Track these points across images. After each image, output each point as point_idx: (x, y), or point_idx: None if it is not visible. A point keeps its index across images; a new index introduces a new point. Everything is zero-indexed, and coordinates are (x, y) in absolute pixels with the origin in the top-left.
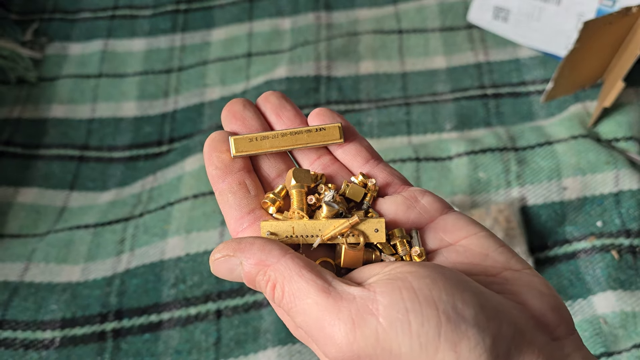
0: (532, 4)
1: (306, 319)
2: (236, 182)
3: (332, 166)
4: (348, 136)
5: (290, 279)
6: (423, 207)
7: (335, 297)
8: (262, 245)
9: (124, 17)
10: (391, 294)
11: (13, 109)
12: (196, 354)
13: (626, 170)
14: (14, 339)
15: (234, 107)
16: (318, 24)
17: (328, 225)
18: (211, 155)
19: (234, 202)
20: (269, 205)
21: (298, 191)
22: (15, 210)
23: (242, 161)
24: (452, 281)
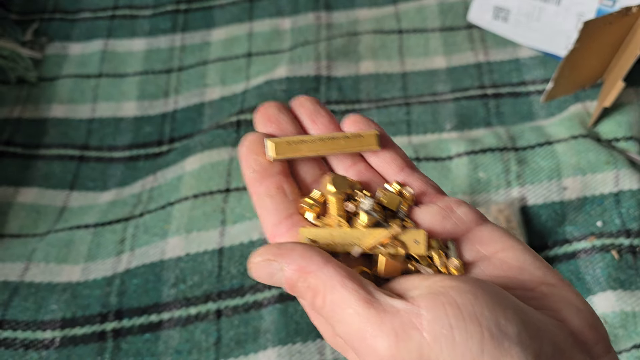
0: (532, 4)
1: (347, 329)
2: (274, 186)
3: (366, 173)
4: (383, 144)
5: (332, 288)
6: (459, 218)
7: (378, 309)
8: (304, 251)
9: (124, 17)
10: (435, 310)
11: (13, 109)
12: (196, 353)
13: (626, 170)
14: (14, 339)
15: (268, 110)
16: (318, 24)
17: (368, 234)
18: (248, 157)
19: (271, 206)
20: (307, 211)
21: (336, 198)
22: (15, 210)
23: (280, 165)
24: (493, 297)
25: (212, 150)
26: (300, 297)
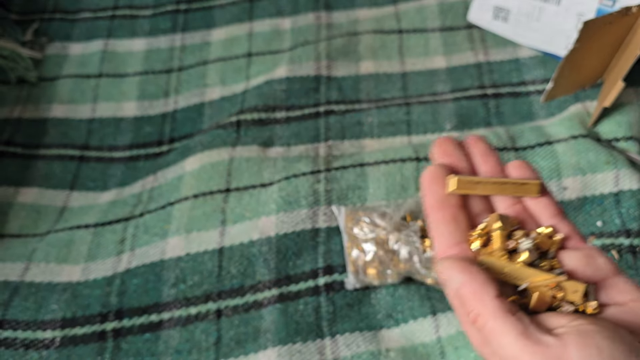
0: (532, 3)
1: (504, 352)
2: (450, 216)
3: (523, 214)
4: (542, 191)
5: (495, 317)
6: (599, 266)
7: (533, 341)
8: (484, 281)
9: (124, 17)
10: (581, 349)
11: (13, 109)
12: (196, 353)
13: (626, 170)
14: (14, 339)
15: (447, 147)
16: (318, 24)
17: (536, 275)
18: (431, 187)
19: (446, 232)
20: (475, 241)
21: (501, 234)
22: (15, 210)
23: (456, 198)
24: (626, 343)
25: (212, 150)
26: (459, 309)
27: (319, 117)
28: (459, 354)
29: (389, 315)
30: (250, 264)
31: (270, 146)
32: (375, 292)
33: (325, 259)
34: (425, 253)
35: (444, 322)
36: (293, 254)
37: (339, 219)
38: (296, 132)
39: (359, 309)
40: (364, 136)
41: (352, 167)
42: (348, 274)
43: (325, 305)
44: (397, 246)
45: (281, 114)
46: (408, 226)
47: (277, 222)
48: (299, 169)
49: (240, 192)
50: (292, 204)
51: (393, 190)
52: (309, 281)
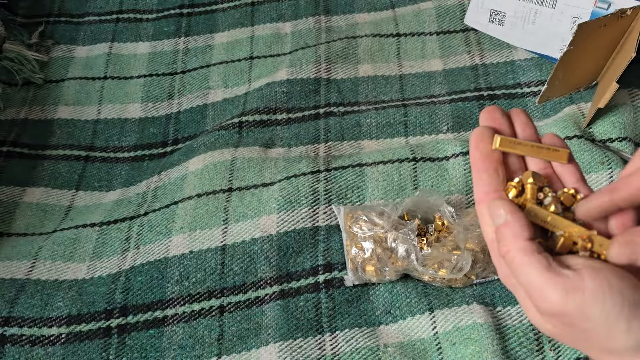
0: (528, 7)
1: (529, 280)
2: (492, 167)
3: (552, 176)
4: (570, 159)
5: (524, 253)
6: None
7: (555, 273)
8: (524, 224)
9: (129, 20)
10: (595, 280)
11: (20, 111)
12: (199, 349)
13: (620, 170)
14: (20, 336)
15: (494, 114)
16: (318, 28)
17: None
18: (478, 143)
19: (487, 180)
20: (511, 190)
21: (532, 187)
22: (22, 209)
23: (498, 153)
24: (632, 281)
25: (215, 151)
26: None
27: (318, 119)
28: (455, 350)
29: (387, 311)
30: (252, 262)
31: (271, 147)
32: (374, 289)
33: (325, 257)
34: (422, 251)
35: (441, 318)
36: (294, 252)
37: (338, 218)
38: (297, 133)
39: (358, 305)
40: (362, 137)
41: (351, 167)
42: (347, 271)
43: (325, 301)
44: (395, 244)
45: (282, 116)
46: (406, 225)
47: (278, 221)
48: (300, 169)
49: (243, 191)
50: (293, 203)
51: (391, 189)
52: (309, 278)
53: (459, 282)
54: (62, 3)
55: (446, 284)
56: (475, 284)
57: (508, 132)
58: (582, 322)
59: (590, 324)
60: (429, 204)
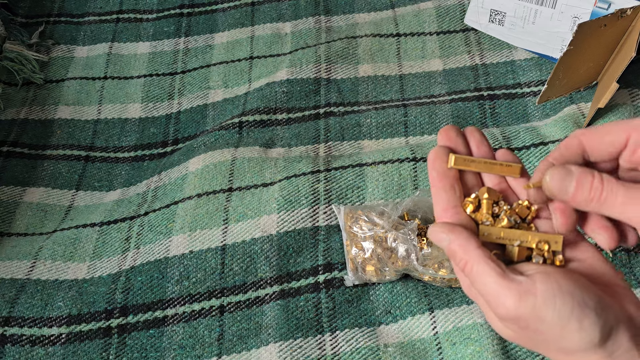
0: (528, 6)
1: (485, 289)
2: (449, 185)
3: (507, 190)
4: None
5: (478, 262)
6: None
7: (508, 279)
8: (468, 236)
9: (129, 20)
10: (545, 283)
11: (20, 110)
12: (200, 349)
13: None
14: (20, 336)
15: (449, 133)
16: (318, 28)
17: (525, 235)
18: (434, 162)
19: (445, 197)
20: (468, 206)
21: (488, 202)
22: (22, 209)
23: (454, 172)
24: (582, 282)
25: (215, 151)
26: (453, 261)
27: (318, 119)
28: (455, 350)
29: (387, 311)
30: (252, 262)
31: (271, 147)
32: (374, 289)
33: (325, 257)
34: (422, 250)
35: (441, 318)
36: (294, 252)
37: (339, 218)
38: (297, 133)
39: (358, 305)
40: (362, 137)
41: (351, 167)
42: (347, 271)
43: (325, 301)
44: (395, 244)
45: (282, 116)
46: (406, 225)
47: (278, 221)
48: (300, 169)
49: (243, 191)
50: (293, 203)
51: (391, 189)
52: (309, 278)
53: (458, 282)
54: (62, 3)
55: (446, 283)
56: None
57: (464, 150)
58: (536, 325)
59: (544, 325)
60: (429, 203)
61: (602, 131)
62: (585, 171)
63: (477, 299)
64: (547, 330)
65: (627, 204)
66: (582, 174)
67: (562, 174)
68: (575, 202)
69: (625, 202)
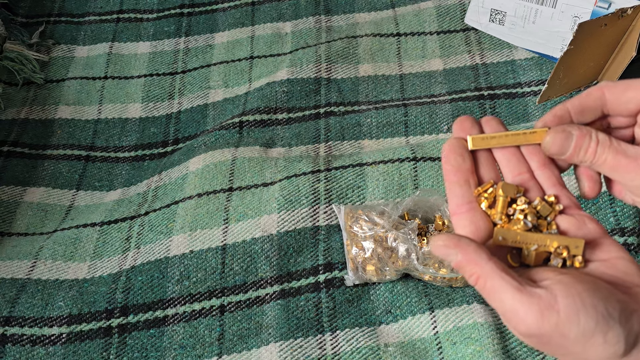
0: (528, 6)
1: (502, 305)
2: (463, 178)
3: (529, 183)
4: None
5: (492, 277)
6: (589, 229)
7: (527, 294)
8: (476, 248)
9: (129, 20)
10: (568, 298)
11: (20, 110)
12: (200, 348)
13: None
14: (21, 335)
15: (465, 123)
16: (318, 28)
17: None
18: (448, 156)
19: (459, 192)
20: (483, 202)
21: (503, 200)
22: (22, 209)
23: (469, 164)
24: (604, 291)
25: (215, 151)
26: (463, 275)
27: (319, 118)
28: (456, 349)
29: (387, 311)
30: (252, 261)
31: (271, 146)
32: (374, 289)
33: (326, 256)
34: (422, 249)
35: (442, 318)
36: (294, 252)
37: (339, 217)
38: (297, 132)
39: (358, 305)
40: (363, 137)
41: (351, 166)
42: (348, 270)
43: (326, 301)
44: (396, 244)
45: (282, 115)
46: (406, 224)
47: (278, 220)
48: (300, 168)
49: (243, 191)
50: (293, 203)
51: (391, 189)
52: (309, 278)
53: (459, 281)
54: (63, 3)
55: (447, 283)
56: None
57: None
58: (559, 340)
59: (567, 341)
60: (430, 203)
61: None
62: (584, 133)
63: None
64: (570, 345)
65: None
66: (580, 137)
67: (562, 138)
68: (570, 160)
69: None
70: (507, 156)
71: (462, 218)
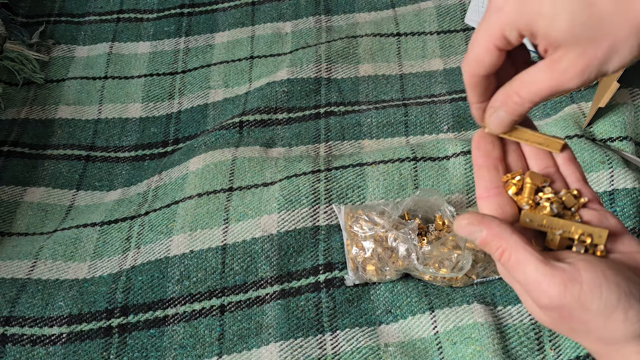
0: None
1: (526, 277)
2: (492, 165)
3: (554, 175)
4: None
5: (517, 249)
6: (610, 224)
7: (551, 267)
8: (499, 223)
9: (129, 20)
10: (591, 272)
11: (21, 110)
12: (200, 348)
13: (621, 170)
14: (21, 335)
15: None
16: (318, 28)
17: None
18: (479, 142)
19: (487, 177)
20: (511, 187)
21: (531, 187)
22: (23, 208)
23: (499, 151)
24: (626, 273)
25: (215, 151)
26: (488, 251)
27: (319, 118)
28: (456, 349)
29: (387, 311)
30: (252, 261)
31: (272, 146)
32: (375, 289)
33: (326, 256)
34: (422, 249)
35: (442, 317)
36: (294, 251)
37: (339, 217)
38: (297, 132)
39: (358, 304)
40: (363, 137)
41: (351, 166)
42: (348, 270)
43: (326, 301)
44: (396, 244)
45: (282, 115)
46: (406, 224)
47: (278, 220)
48: (300, 168)
49: (243, 191)
50: (294, 203)
51: (391, 189)
52: (309, 278)
53: (459, 281)
54: (63, 3)
55: (447, 283)
56: (476, 283)
57: None
58: (580, 314)
59: (588, 315)
60: (430, 203)
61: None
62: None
63: (514, 285)
64: (590, 319)
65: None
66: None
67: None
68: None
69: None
70: (534, 149)
71: (489, 202)
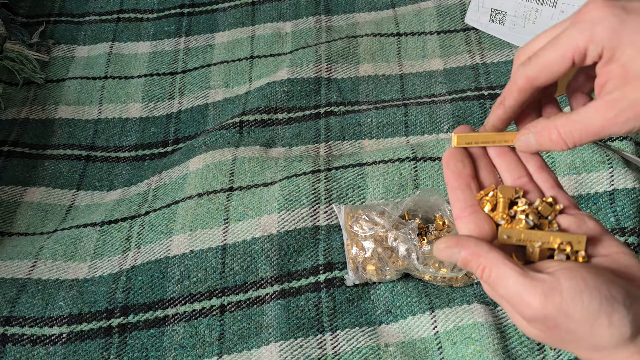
0: (528, 6)
1: (507, 291)
2: (465, 184)
3: (528, 185)
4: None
5: (497, 265)
6: (589, 227)
7: (530, 279)
8: (476, 242)
9: (129, 20)
10: (571, 280)
11: (21, 110)
12: (200, 348)
13: (621, 170)
14: (21, 335)
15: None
16: (319, 27)
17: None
18: (449, 162)
19: (461, 196)
20: (486, 204)
21: (503, 202)
22: (23, 208)
23: (469, 169)
24: (607, 276)
25: (215, 150)
26: (471, 270)
27: (319, 118)
28: (456, 349)
29: (388, 310)
30: (252, 261)
31: (272, 146)
32: (375, 289)
33: (326, 256)
34: (422, 249)
35: (442, 317)
36: (294, 251)
37: (339, 217)
38: (297, 132)
39: (358, 304)
40: (363, 136)
41: (351, 166)
42: (348, 270)
43: (326, 301)
44: (396, 244)
45: (283, 115)
46: (406, 224)
47: (278, 220)
48: (300, 168)
49: (243, 191)
50: (294, 203)
51: (392, 189)
52: (309, 277)
53: (459, 281)
54: (63, 3)
55: (447, 283)
56: (476, 283)
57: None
58: (565, 323)
59: (573, 323)
60: (430, 203)
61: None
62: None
63: (500, 302)
64: (576, 328)
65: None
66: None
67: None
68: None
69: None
70: (505, 161)
71: (466, 221)
